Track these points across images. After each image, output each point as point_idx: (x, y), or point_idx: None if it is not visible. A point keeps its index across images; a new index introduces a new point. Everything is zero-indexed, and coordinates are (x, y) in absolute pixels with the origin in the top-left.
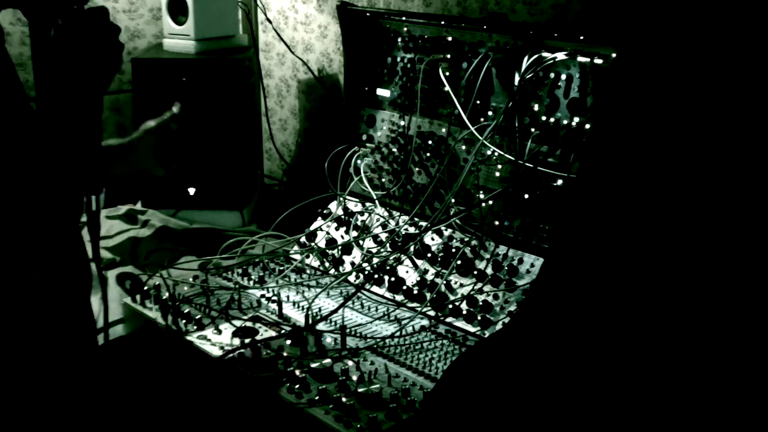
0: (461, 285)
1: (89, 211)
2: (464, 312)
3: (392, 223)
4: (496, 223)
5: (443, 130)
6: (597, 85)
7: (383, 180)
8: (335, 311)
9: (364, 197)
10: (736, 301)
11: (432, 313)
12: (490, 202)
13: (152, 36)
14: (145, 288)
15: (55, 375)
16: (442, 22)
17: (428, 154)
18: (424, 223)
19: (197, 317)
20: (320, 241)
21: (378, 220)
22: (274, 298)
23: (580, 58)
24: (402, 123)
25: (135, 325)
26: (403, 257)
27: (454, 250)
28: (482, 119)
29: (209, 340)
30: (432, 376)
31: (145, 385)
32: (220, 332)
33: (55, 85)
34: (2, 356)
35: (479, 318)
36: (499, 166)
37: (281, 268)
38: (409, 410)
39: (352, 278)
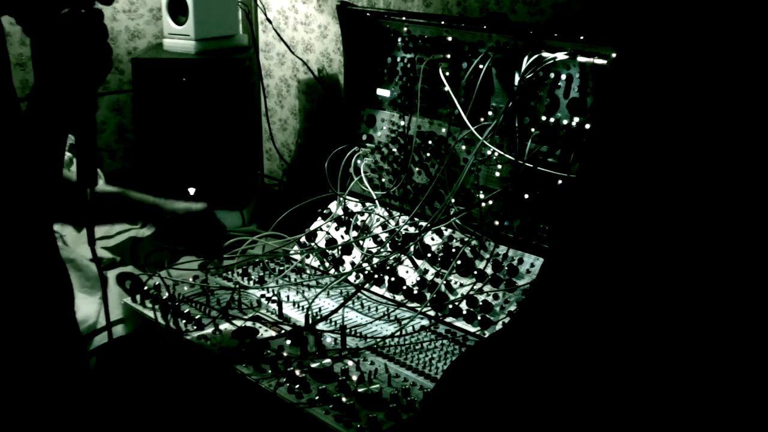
0: (461, 285)
1: (85, 203)
2: (464, 312)
3: (392, 223)
4: (496, 223)
5: (443, 130)
6: (597, 85)
7: (383, 180)
8: (335, 311)
9: (364, 197)
10: (736, 301)
11: (432, 313)
12: (490, 202)
13: (152, 36)
14: (145, 288)
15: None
16: (442, 22)
17: (428, 154)
18: (424, 223)
19: (197, 317)
20: (320, 241)
21: (378, 220)
22: (274, 298)
23: (580, 58)
24: (402, 123)
25: (135, 325)
26: (403, 257)
27: (454, 250)
28: (482, 119)
29: (209, 340)
30: (432, 376)
31: (145, 385)
32: (220, 332)
33: (48, 84)
34: None
35: (479, 318)
36: (499, 166)
37: (281, 268)
38: (409, 410)
39: (352, 278)
